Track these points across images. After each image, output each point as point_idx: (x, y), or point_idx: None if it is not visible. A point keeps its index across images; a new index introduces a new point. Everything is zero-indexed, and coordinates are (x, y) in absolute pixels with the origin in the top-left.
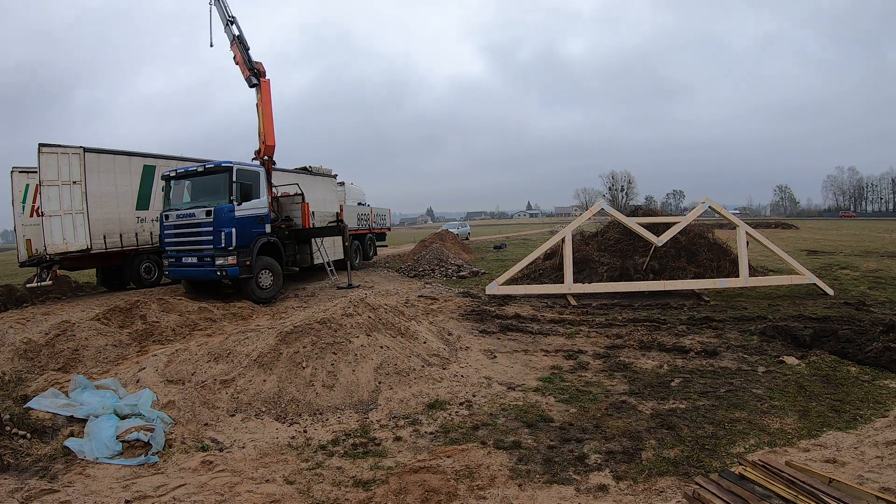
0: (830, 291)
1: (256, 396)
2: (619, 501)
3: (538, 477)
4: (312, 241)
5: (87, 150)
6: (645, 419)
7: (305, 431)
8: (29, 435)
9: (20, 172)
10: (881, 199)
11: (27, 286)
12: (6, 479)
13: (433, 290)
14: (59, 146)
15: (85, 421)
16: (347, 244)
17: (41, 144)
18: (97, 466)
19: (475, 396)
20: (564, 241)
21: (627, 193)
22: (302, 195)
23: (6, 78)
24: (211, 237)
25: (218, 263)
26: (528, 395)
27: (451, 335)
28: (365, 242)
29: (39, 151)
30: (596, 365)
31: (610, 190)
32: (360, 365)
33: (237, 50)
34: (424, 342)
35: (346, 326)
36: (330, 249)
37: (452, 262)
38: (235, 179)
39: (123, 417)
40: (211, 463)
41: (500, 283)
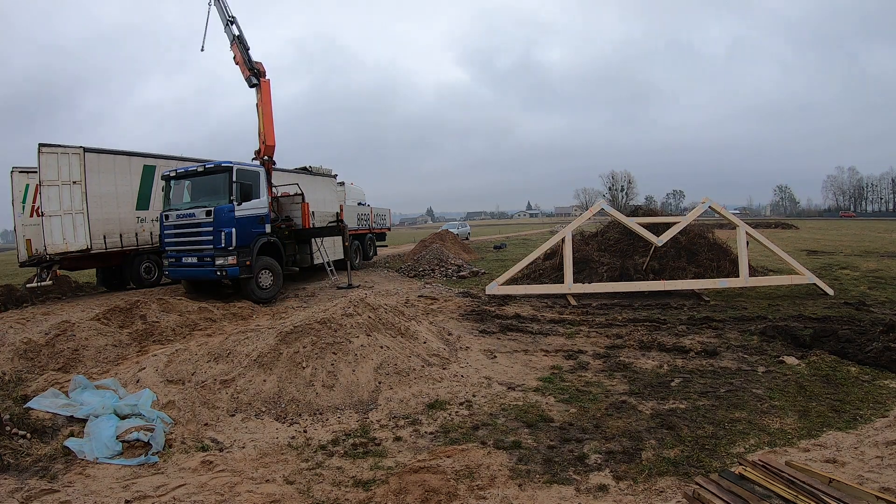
0: (830, 291)
1: (256, 396)
2: (619, 501)
3: (538, 477)
4: (312, 241)
5: (87, 150)
6: (645, 419)
7: (305, 431)
8: (29, 435)
9: (20, 172)
10: (881, 199)
11: (27, 286)
12: (6, 479)
13: (433, 290)
14: (59, 146)
15: (85, 421)
16: (347, 244)
17: (41, 144)
18: (97, 466)
19: (475, 396)
20: (564, 241)
21: (627, 193)
22: (302, 195)
23: (18, 88)
24: (211, 237)
25: (218, 263)
26: (528, 395)
27: (451, 335)
28: (365, 242)
29: (39, 151)
30: (596, 365)
31: (610, 190)
32: (360, 365)
33: (237, 50)
34: (424, 342)
35: (346, 326)
36: (330, 249)
37: (452, 262)
38: (235, 179)
39: (123, 417)
40: (211, 463)
41: (500, 283)
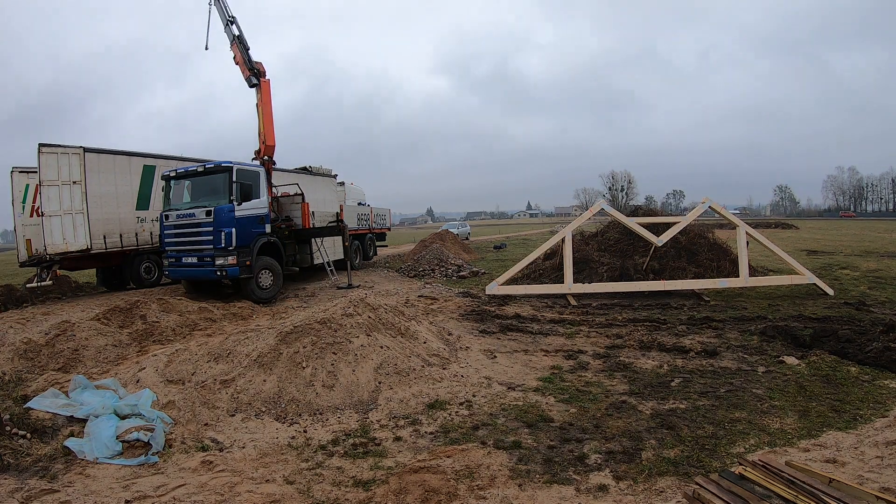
0: (830, 291)
1: (256, 396)
2: (619, 501)
3: (538, 477)
4: (312, 241)
5: (87, 150)
6: (645, 419)
7: (305, 431)
8: (29, 435)
9: (20, 172)
10: (881, 199)
11: (27, 286)
12: (6, 479)
13: (433, 290)
14: (59, 146)
15: (85, 421)
16: (347, 244)
17: (41, 144)
18: (97, 466)
19: (475, 396)
20: (564, 241)
21: (627, 193)
22: (302, 195)
23: (32, 98)
24: (211, 237)
25: (218, 263)
26: (528, 395)
27: (451, 335)
28: (365, 242)
29: (39, 151)
30: (596, 365)
31: (610, 190)
32: (360, 365)
33: (237, 50)
34: (424, 342)
35: (346, 326)
36: (330, 249)
37: (452, 262)
38: (235, 179)
39: (123, 417)
40: (211, 463)
41: (500, 283)
